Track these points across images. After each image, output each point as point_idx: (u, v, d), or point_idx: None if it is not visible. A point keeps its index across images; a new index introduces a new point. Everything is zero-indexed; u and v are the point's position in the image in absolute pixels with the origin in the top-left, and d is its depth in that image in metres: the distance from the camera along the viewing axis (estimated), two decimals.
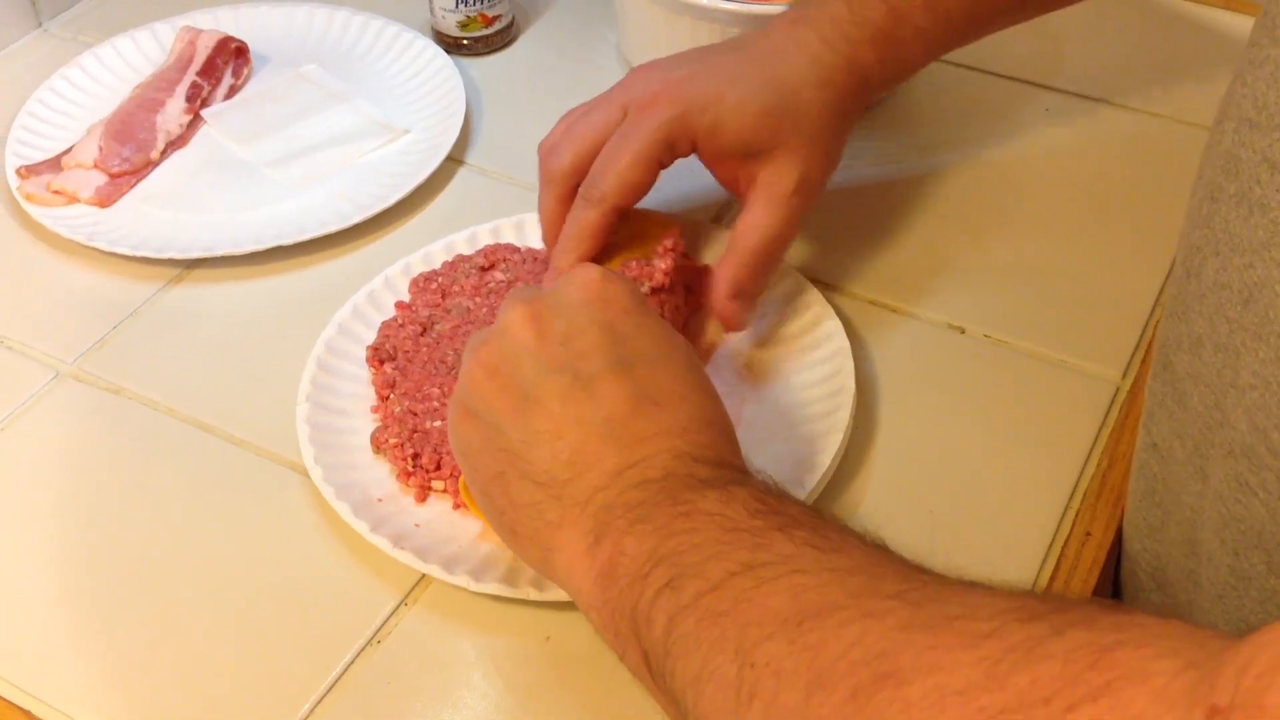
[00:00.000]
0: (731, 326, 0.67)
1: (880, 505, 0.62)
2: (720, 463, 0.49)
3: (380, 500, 0.62)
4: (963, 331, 0.71)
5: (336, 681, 0.57)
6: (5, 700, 0.57)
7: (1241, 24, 0.90)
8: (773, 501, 0.46)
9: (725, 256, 0.66)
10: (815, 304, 0.69)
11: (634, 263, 0.65)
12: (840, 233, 0.76)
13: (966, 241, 0.76)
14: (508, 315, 0.53)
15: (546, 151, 0.67)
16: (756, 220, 0.65)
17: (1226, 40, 0.88)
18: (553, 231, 0.67)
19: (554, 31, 0.94)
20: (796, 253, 0.73)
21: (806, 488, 0.60)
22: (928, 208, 0.78)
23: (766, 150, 0.65)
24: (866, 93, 0.68)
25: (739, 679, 0.40)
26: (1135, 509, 0.58)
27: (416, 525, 0.61)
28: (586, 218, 0.65)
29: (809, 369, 0.67)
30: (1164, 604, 0.56)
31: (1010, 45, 0.87)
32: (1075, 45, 0.89)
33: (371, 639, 0.58)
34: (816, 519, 0.46)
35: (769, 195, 0.65)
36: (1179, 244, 0.50)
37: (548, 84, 0.89)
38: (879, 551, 0.44)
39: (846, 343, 0.66)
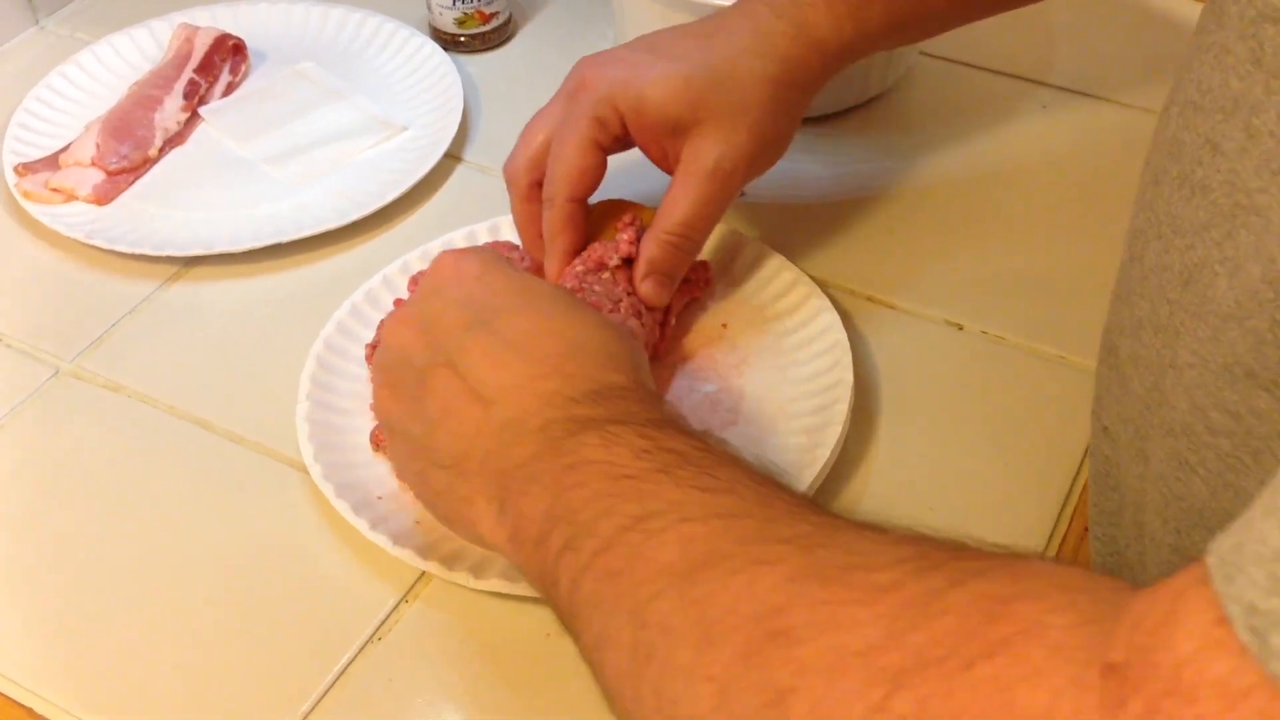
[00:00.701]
0: (647, 304, 0.66)
1: (879, 500, 0.62)
2: (599, 393, 0.49)
3: (380, 498, 0.62)
4: (960, 328, 0.71)
5: (337, 679, 0.57)
6: (6, 697, 0.57)
7: None
8: (657, 435, 0.45)
9: (645, 235, 0.65)
10: (812, 298, 0.69)
11: (597, 245, 0.66)
12: (837, 228, 0.76)
13: (963, 237, 0.76)
14: (386, 329, 0.56)
15: (507, 160, 0.68)
16: (673, 201, 0.64)
17: None
18: (526, 233, 0.68)
19: (551, 28, 0.94)
20: (793, 248, 0.73)
21: (805, 482, 0.60)
22: (924, 204, 0.78)
23: (690, 125, 0.63)
24: (823, 60, 0.65)
25: (634, 641, 0.39)
26: (1093, 495, 0.57)
27: (416, 523, 0.61)
28: (550, 217, 0.65)
29: (807, 363, 0.67)
30: None
31: (1006, 41, 0.87)
32: (1071, 41, 0.89)
33: (372, 636, 0.58)
34: (703, 453, 0.45)
35: (685, 174, 0.64)
36: (1126, 230, 0.50)
37: (545, 81, 0.88)
38: (768, 488, 0.43)
39: (844, 336, 0.66)
